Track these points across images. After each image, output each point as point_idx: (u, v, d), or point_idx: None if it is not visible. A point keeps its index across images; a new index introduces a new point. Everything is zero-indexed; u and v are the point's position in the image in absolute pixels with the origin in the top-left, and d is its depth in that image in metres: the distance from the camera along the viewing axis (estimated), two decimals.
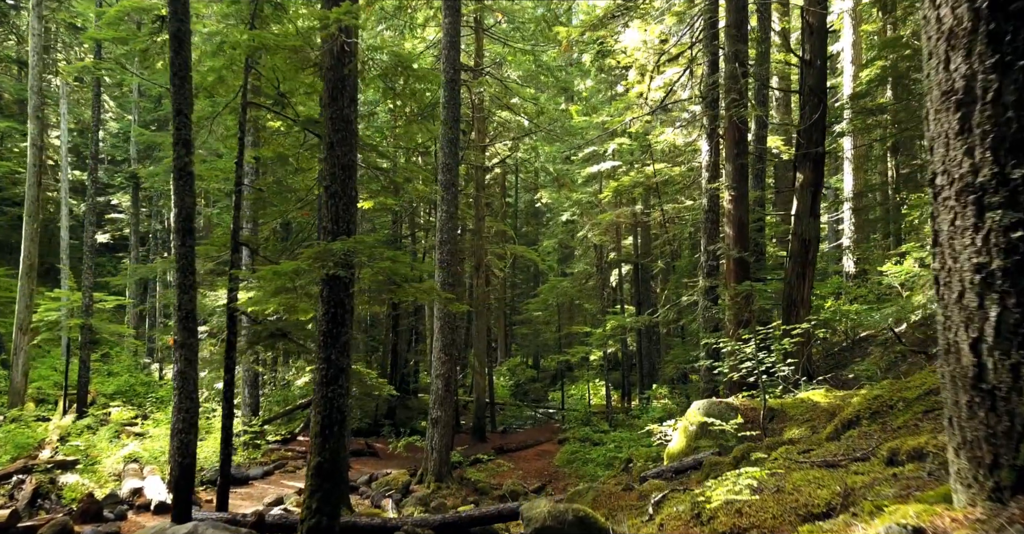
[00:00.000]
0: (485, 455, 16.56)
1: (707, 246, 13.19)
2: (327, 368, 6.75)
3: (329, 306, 6.79)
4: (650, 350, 27.56)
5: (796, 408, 8.18)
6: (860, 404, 5.60)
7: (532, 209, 42.35)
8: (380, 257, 6.77)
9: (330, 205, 6.94)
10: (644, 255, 24.87)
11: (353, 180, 7.07)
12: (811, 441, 6.25)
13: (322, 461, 6.55)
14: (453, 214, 14.59)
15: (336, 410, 6.69)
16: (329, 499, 6.51)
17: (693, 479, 7.28)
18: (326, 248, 6.41)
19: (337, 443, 6.66)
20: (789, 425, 7.78)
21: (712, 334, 10.92)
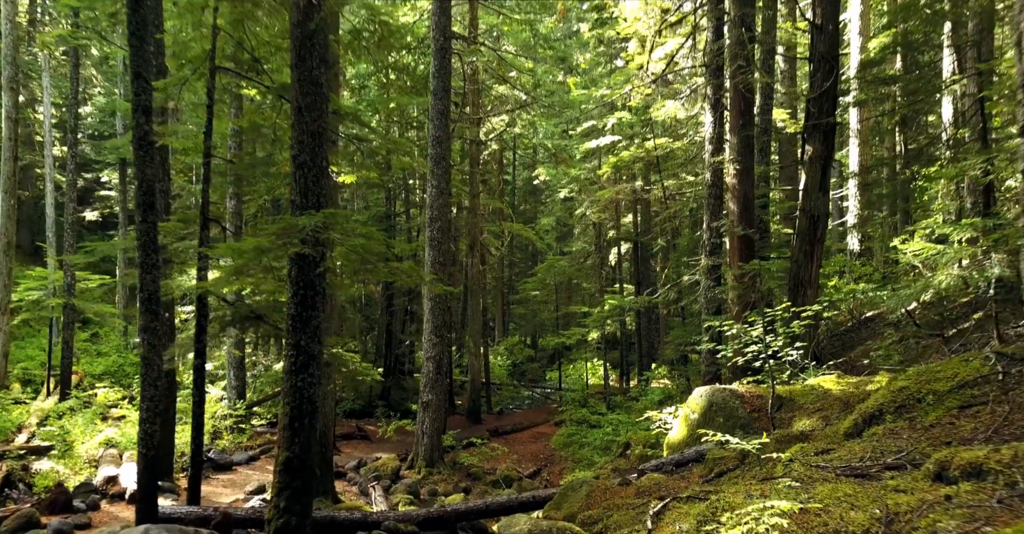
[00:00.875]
0: (479, 438, 16.09)
1: (710, 223, 12.56)
2: (296, 355, 6.17)
3: (298, 287, 6.20)
4: (649, 330, 27.05)
5: (805, 396, 7.63)
6: (883, 396, 5.02)
7: (530, 187, 41.62)
8: (353, 234, 6.16)
9: (298, 177, 6.31)
10: (644, 233, 24.23)
11: (324, 149, 6.44)
12: (827, 436, 5.69)
13: (291, 456, 6.00)
14: (444, 190, 13.94)
15: (306, 401, 6.12)
16: (299, 497, 5.97)
17: (695, 473, 6.75)
18: (291, 224, 5.79)
19: (307, 437, 6.11)
20: (798, 415, 7.23)
21: (715, 317, 10.35)
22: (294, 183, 6.33)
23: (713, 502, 3.85)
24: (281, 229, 5.79)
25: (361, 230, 6.15)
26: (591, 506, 6.39)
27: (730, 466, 6.23)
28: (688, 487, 6.20)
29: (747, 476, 5.36)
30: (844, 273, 20.65)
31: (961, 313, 10.08)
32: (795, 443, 5.98)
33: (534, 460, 16.36)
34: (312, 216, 5.84)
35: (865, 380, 7.59)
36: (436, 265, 13.70)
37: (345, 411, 22.34)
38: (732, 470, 6.18)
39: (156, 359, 7.43)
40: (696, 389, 8.26)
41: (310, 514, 6.10)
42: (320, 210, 6.05)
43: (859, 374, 9.58)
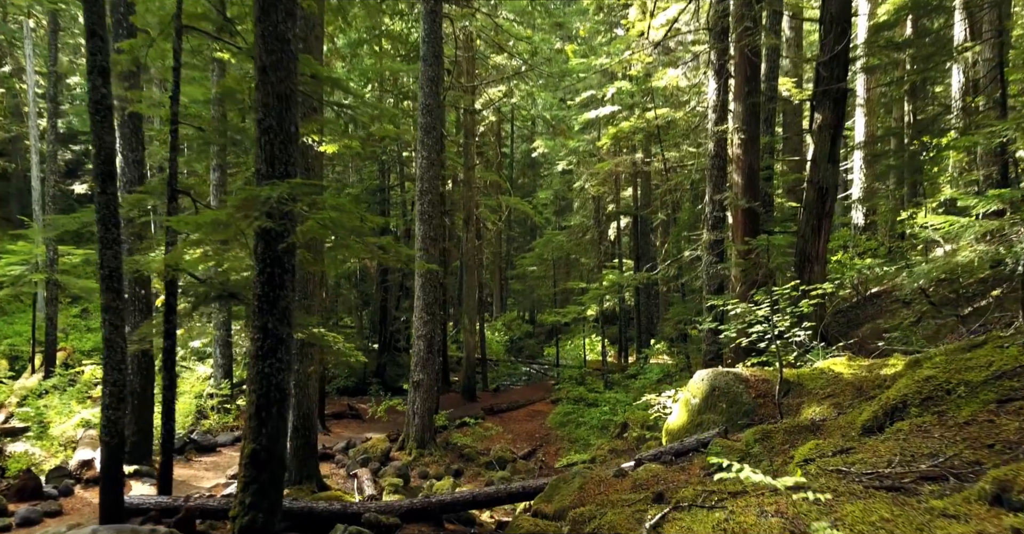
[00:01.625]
0: (472, 418, 15.69)
1: (712, 196, 11.99)
2: (263, 338, 5.65)
3: (265, 264, 5.66)
4: (648, 305, 26.59)
5: (814, 380, 7.13)
6: (907, 386, 4.51)
7: (528, 159, 40.83)
8: (322, 206, 5.59)
9: (264, 143, 5.73)
10: (644, 207, 23.62)
11: (292, 113, 5.84)
12: (841, 427, 5.20)
13: (257, 448, 5.52)
14: (434, 161, 13.33)
15: (275, 388, 5.62)
16: (267, 492, 5.51)
17: (696, 465, 6.28)
18: (252, 195, 5.23)
19: (276, 427, 5.62)
20: (807, 401, 6.74)
21: (718, 296, 9.82)
22: (259, 150, 5.75)
23: (720, 522, 3.35)
24: (242, 201, 5.23)
25: (333, 202, 5.59)
26: (584, 500, 5.93)
27: (735, 457, 5.75)
28: (689, 481, 5.73)
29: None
30: (848, 247, 20.10)
31: (977, 290, 9.56)
32: (806, 435, 5.50)
33: (529, 440, 15.98)
34: (276, 186, 5.28)
35: (879, 363, 7.08)
36: (427, 240, 13.15)
37: (338, 388, 21.97)
38: (736, 462, 5.70)
39: (119, 340, 6.93)
40: (697, 372, 7.77)
41: (279, 510, 5.64)
42: (288, 180, 5.48)
43: (869, 356, 9.09)
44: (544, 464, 13.99)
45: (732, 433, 6.84)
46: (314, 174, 10.28)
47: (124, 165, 10.81)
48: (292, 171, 5.80)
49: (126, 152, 10.80)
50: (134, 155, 10.77)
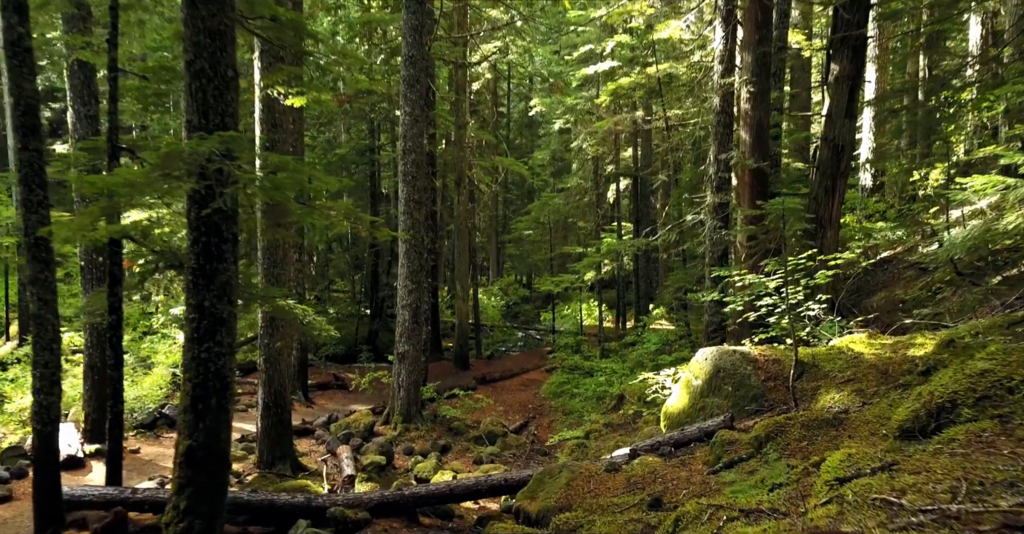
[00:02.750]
0: (462, 389, 15.05)
1: (717, 155, 11.08)
2: (199, 319, 4.87)
3: (199, 233, 4.84)
4: (648, 269, 25.83)
5: (832, 361, 6.38)
6: (955, 381, 3.74)
7: (526, 119, 39.57)
8: (266, 164, 4.75)
9: (194, 89, 4.86)
10: (644, 167, 22.65)
11: (229, 55, 4.95)
12: (869, 423, 4.45)
13: (194, 446, 4.79)
14: (419, 117, 12.37)
15: (214, 377, 4.87)
16: (205, 496, 4.79)
17: (698, 459, 5.55)
18: (174, 150, 4.38)
19: (216, 420, 4.88)
20: (824, 385, 6.00)
21: (723, 268, 9.01)
22: (189, 98, 4.87)
23: None
24: (163, 157, 4.37)
25: (275, 159, 4.73)
26: (571, 501, 5.23)
27: (743, 455, 5.03)
28: (691, 481, 5.02)
29: (766, 481, 4.13)
30: (855, 210, 19.23)
31: (1007, 259, 8.75)
32: (827, 431, 4.75)
33: (522, 411, 15.36)
34: (205, 140, 4.41)
35: (904, 341, 6.32)
36: (411, 203, 12.29)
37: (327, 356, 21.35)
38: (745, 459, 4.98)
39: (50, 317, 6.16)
40: (700, 351, 7.01)
41: (221, 514, 4.92)
42: (222, 133, 4.61)
43: (886, 330, 8.33)
44: (536, 438, 13.38)
45: (739, 420, 6.12)
46: (283, 130, 9.39)
47: (76, 120, 9.90)
48: (231, 123, 4.92)
49: (77, 106, 9.86)
50: (86, 109, 9.83)
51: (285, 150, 9.30)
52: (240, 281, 6.90)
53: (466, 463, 11.50)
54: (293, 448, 9.80)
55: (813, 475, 3.74)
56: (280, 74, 8.46)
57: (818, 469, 3.77)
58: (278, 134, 9.26)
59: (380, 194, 24.47)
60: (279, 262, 9.32)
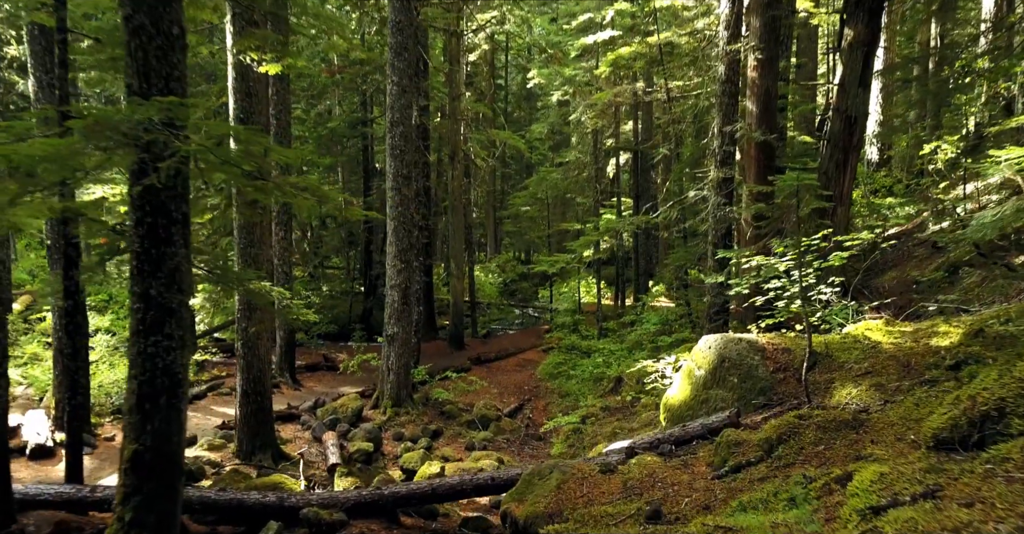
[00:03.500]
0: (455, 371, 14.61)
1: (722, 127, 10.45)
2: (145, 309, 4.35)
3: (144, 213, 4.30)
4: (647, 246, 25.30)
5: (847, 351, 5.87)
6: (1003, 386, 3.23)
7: (524, 92, 38.71)
8: (215, 134, 4.18)
9: (134, 48, 4.28)
10: (645, 141, 21.97)
11: (174, 10, 4.36)
12: (900, 432, 3.95)
13: (140, 450, 4.30)
14: (407, 88, 11.72)
15: (162, 373, 4.36)
16: (155, 505, 4.33)
17: (702, 459, 5.07)
18: (103, 118, 3.82)
19: (167, 421, 4.39)
20: (839, 378, 5.49)
21: (729, 250, 8.45)
22: (129, 59, 4.29)
23: None
24: (91, 126, 3.80)
25: (224, 129, 4.17)
26: (561, 506, 4.75)
27: (751, 458, 4.54)
28: (693, 487, 4.53)
29: (779, 494, 3.64)
30: (860, 185, 18.60)
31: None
32: (847, 434, 4.26)
33: (517, 393, 14.94)
34: (143, 107, 3.84)
35: (925, 329, 5.80)
36: (399, 178, 11.70)
37: (320, 334, 20.87)
38: (754, 464, 4.50)
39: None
40: (703, 338, 6.51)
41: (174, 525, 4.44)
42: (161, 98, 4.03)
43: (900, 315, 7.83)
44: (531, 422, 12.97)
45: (745, 415, 5.63)
46: (258, 100, 8.77)
47: (38, 89, 9.27)
48: (178, 88, 4.34)
49: (39, 74, 9.23)
50: (48, 77, 9.19)
51: (260, 121, 8.70)
52: (207, 263, 6.38)
53: (457, 449, 11.09)
54: (275, 436, 9.36)
55: (837, 493, 3.24)
56: (252, 39, 7.84)
57: (842, 487, 3.27)
58: (253, 104, 8.65)
59: (373, 169, 23.79)
60: (256, 242, 8.77)
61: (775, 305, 6.55)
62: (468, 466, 9.03)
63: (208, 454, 8.97)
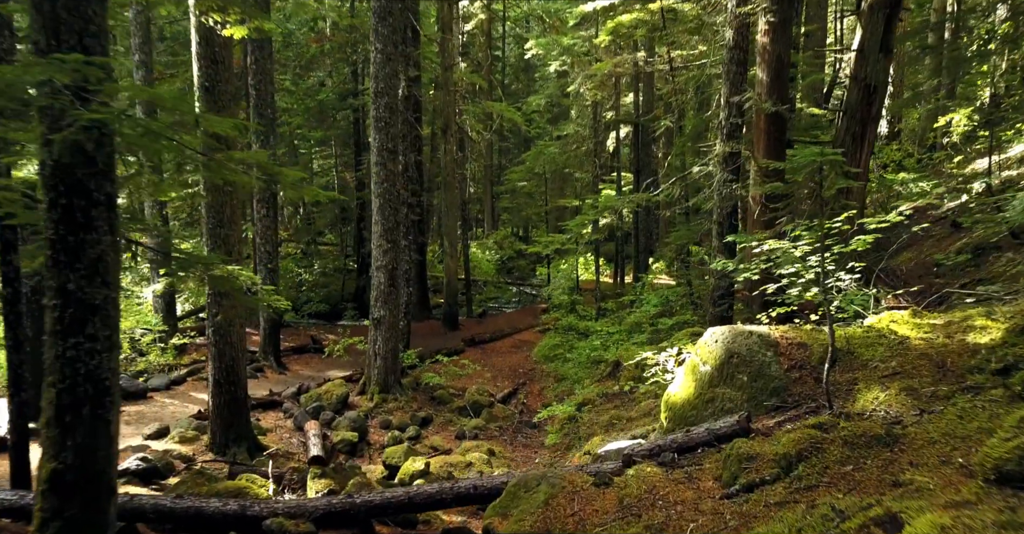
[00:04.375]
0: (446, 355, 14.05)
1: (730, 97, 9.72)
2: (63, 306, 3.73)
3: (58, 193, 3.66)
4: (648, 222, 24.63)
5: (871, 347, 5.26)
6: None
7: (522, 63, 37.69)
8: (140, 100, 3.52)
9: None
10: (646, 114, 21.16)
11: None
12: (945, 455, 3.36)
13: (61, 468, 3.72)
14: (392, 55, 10.97)
15: (85, 379, 3.76)
16: (80, 531, 3.75)
17: (707, 471, 4.49)
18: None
19: (93, 435, 3.80)
20: (863, 378, 4.90)
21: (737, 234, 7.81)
22: (33, 11, 3.60)
23: None
24: None
25: (148, 95, 3.50)
26: (550, 526, 4.19)
27: (766, 476, 3.96)
28: (698, 505, 3.96)
29: (805, 528, 3.06)
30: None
31: None
32: (879, 453, 3.66)
33: (512, 376, 14.41)
34: (41, 66, 3.18)
35: (958, 322, 5.19)
36: (384, 152, 11.01)
37: (311, 313, 20.30)
38: (769, 483, 3.92)
39: None
40: (709, 330, 5.90)
41: None
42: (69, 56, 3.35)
43: (919, 298, 7.21)
44: (525, 408, 12.45)
45: (756, 418, 5.05)
46: (225, 68, 8.06)
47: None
48: (96, 46, 3.66)
49: None
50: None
51: (228, 90, 8.00)
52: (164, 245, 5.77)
53: (447, 438, 10.58)
54: (251, 427, 8.81)
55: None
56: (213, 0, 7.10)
57: (882, 531, 2.68)
58: (220, 71, 7.94)
59: (365, 142, 22.96)
60: (226, 222, 8.13)
61: (788, 293, 5.92)
62: (456, 460, 8.51)
63: (179, 447, 8.43)
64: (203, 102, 7.92)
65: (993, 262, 7.48)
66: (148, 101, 11.75)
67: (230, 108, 8.15)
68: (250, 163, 4.08)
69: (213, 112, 7.96)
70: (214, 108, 7.97)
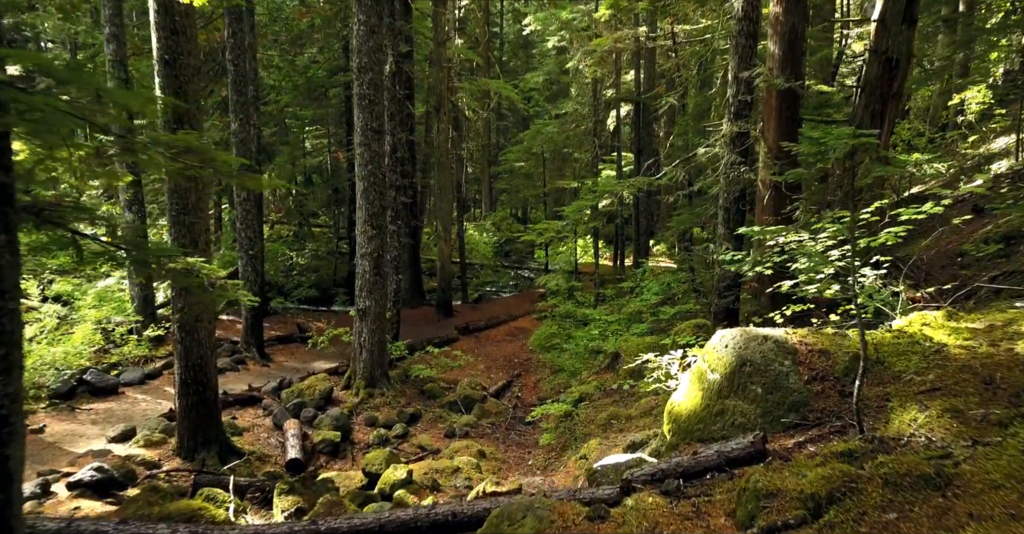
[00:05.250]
0: (436, 346, 13.46)
1: (738, 73, 8.99)
2: None
3: None
4: (649, 204, 23.92)
5: (901, 355, 4.63)
6: None
7: (521, 40, 36.70)
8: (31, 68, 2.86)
9: None
10: (647, 92, 20.36)
11: None
12: (1018, 507, 2.74)
13: None
14: (376, 28, 10.22)
15: None
16: None
17: (719, 506, 3.89)
18: None
19: None
20: (896, 394, 4.27)
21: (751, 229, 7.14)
22: None
23: None
24: None
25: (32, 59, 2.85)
26: None
27: (789, 518, 3.34)
28: None
29: None
30: None
31: None
32: (929, 498, 3.05)
33: (506, 367, 13.84)
34: None
35: (1000, 326, 4.56)
36: (368, 132, 10.31)
37: (301, 299, 19.69)
38: (794, 527, 3.30)
39: None
40: (719, 333, 5.27)
41: None
42: None
43: (945, 296, 6.57)
44: (520, 402, 11.89)
45: (773, 438, 4.44)
46: (187, 38, 7.33)
47: None
48: None
49: None
50: None
51: (189, 64, 7.28)
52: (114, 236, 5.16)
53: (436, 436, 10.03)
54: (222, 429, 8.23)
55: None
56: None
57: None
58: (181, 43, 7.22)
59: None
60: (191, 208, 7.47)
61: (804, 289, 5.27)
62: (443, 465, 7.94)
63: (144, 452, 7.85)
64: (162, 77, 7.23)
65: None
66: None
67: (194, 83, 7.44)
68: (181, 147, 3.43)
69: (174, 88, 7.27)
70: (175, 84, 7.27)
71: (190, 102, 7.34)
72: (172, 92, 7.24)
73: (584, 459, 8.03)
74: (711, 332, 9.71)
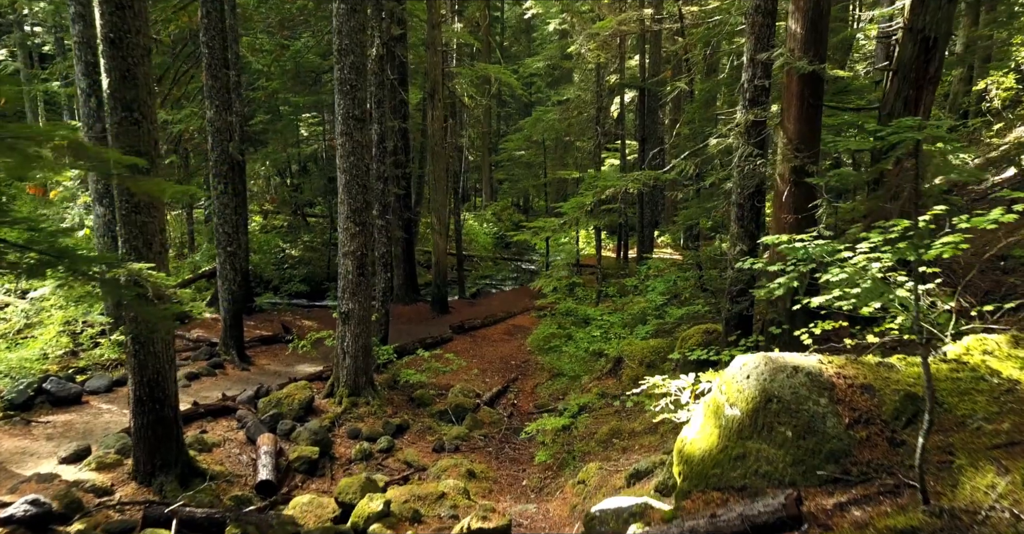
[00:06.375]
0: (429, 348, 12.71)
1: (755, 55, 8.11)
2: None
3: None
4: (653, 194, 23.02)
5: (964, 394, 3.83)
6: None
7: (522, 24, 35.68)
8: None
9: None
10: (653, 77, 19.43)
11: None
12: None
13: None
14: (358, 7, 9.36)
15: None
16: None
17: None
18: None
19: None
20: (962, 446, 3.47)
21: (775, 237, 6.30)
22: None
23: None
24: None
25: None
26: None
27: None
28: None
29: None
30: None
31: None
32: None
33: (503, 370, 13.09)
34: None
35: None
36: (351, 120, 9.49)
37: (292, 293, 18.94)
38: None
39: None
40: (738, 359, 4.47)
41: None
42: None
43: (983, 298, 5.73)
44: (515, 410, 11.14)
45: (808, 497, 3.65)
46: (134, 14, 6.51)
47: None
48: None
49: None
50: None
51: (139, 43, 6.46)
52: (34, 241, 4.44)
53: (423, 450, 9.29)
54: (184, 450, 7.47)
55: None
56: None
57: None
58: (128, 20, 6.40)
59: None
60: (143, 207, 6.67)
61: (838, 306, 4.46)
62: (427, 490, 7.18)
63: (96, 476, 7.10)
64: (107, 58, 6.41)
65: None
66: None
67: (144, 65, 6.62)
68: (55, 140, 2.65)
69: (121, 71, 6.46)
70: (122, 66, 6.45)
71: (140, 86, 6.53)
72: (119, 75, 6.43)
73: (582, 484, 7.27)
74: (722, 339, 8.91)
